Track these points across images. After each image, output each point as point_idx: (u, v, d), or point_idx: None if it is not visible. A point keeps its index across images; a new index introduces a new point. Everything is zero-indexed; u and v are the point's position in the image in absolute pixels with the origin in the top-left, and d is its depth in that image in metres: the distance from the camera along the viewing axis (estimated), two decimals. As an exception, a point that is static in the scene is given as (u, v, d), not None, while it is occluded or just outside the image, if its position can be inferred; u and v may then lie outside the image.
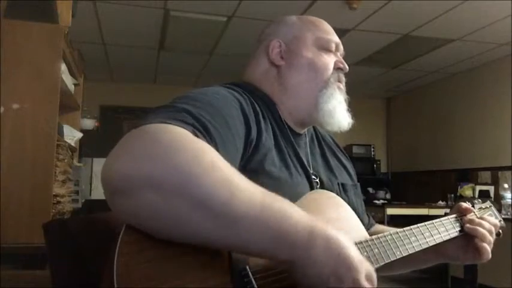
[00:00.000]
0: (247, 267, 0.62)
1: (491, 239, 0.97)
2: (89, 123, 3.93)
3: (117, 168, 0.55)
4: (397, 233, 0.86)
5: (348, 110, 0.98)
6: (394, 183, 6.52)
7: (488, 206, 1.11)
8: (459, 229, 0.98)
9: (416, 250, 0.87)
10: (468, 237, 0.98)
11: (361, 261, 0.62)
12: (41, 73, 1.94)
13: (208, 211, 0.54)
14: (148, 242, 0.55)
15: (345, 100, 0.98)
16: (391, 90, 6.36)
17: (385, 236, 0.83)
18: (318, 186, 0.92)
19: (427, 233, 0.91)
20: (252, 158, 0.79)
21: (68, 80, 2.34)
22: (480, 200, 1.12)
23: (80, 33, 3.85)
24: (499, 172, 4.64)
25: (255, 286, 0.61)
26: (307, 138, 1.00)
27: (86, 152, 4.01)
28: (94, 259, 0.66)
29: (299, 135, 0.98)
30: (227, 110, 0.76)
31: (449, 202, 4.99)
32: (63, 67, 2.09)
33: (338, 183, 0.97)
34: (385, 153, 6.79)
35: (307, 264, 0.59)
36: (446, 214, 1.02)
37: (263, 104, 0.91)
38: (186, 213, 0.54)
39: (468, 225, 0.98)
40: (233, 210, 0.55)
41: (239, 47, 4.39)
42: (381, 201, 5.65)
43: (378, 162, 6.39)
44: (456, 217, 1.00)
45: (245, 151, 0.78)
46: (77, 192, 3.11)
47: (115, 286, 0.51)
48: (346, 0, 3.35)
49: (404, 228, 0.88)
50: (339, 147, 1.11)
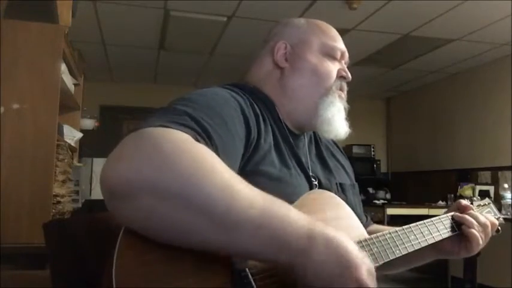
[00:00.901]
0: (246, 269, 0.62)
1: (479, 227, 0.96)
2: (89, 123, 3.93)
3: (116, 172, 0.55)
4: (396, 232, 0.87)
5: (346, 119, 0.98)
6: (394, 183, 6.51)
7: (487, 203, 1.11)
8: (452, 218, 0.99)
9: (415, 248, 0.88)
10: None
11: (361, 258, 0.62)
12: (41, 73, 1.94)
13: (208, 216, 0.54)
14: (147, 245, 0.55)
15: (345, 109, 0.98)
16: (391, 90, 6.36)
17: (385, 235, 0.84)
18: (317, 186, 0.92)
19: (426, 231, 0.92)
20: (252, 159, 0.79)
21: (68, 80, 2.34)
22: (479, 197, 1.13)
23: (80, 33, 3.85)
24: (499, 172, 4.64)
25: (255, 287, 0.61)
26: (306, 139, 1.01)
27: (86, 152, 4.01)
28: (94, 259, 0.66)
29: (298, 136, 0.98)
30: (227, 112, 0.76)
31: (449, 202, 4.99)
32: (63, 67, 2.09)
33: (336, 183, 0.98)
34: (385, 153, 6.79)
35: (308, 266, 0.59)
36: (445, 212, 1.02)
37: (263, 105, 0.91)
38: (186, 218, 0.54)
39: (458, 214, 0.99)
40: (233, 214, 0.55)
41: (239, 47, 4.39)
42: (381, 201, 5.65)
43: (378, 162, 6.39)
44: (455, 214, 1.00)
45: (245, 152, 0.78)
46: (77, 192, 3.11)
47: None
48: (346, 0, 3.35)
49: (403, 226, 0.89)
50: (338, 146, 1.11)
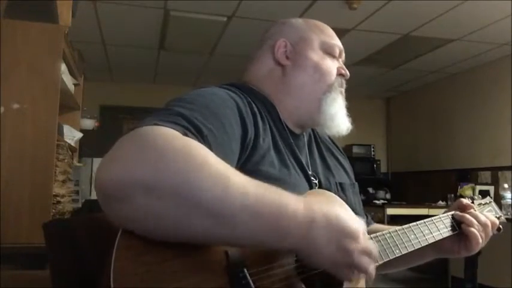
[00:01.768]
0: (244, 269, 0.61)
1: (479, 226, 0.97)
2: (89, 123, 3.93)
3: (109, 173, 0.55)
4: (396, 231, 0.87)
5: (348, 115, 0.98)
6: (394, 183, 6.51)
7: (488, 202, 1.11)
8: (452, 217, 0.99)
9: (415, 248, 0.88)
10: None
11: (362, 231, 0.64)
12: (41, 73, 1.94)
13: (203, 209, 0.54)
14: (145, 246, 0.55)
15: (345, 106, 0.99)
16: (391, 90, 6.36)
17: (384, 235, 0.84)
18: (317, 186, 0.92)
19: (426, 231, 0.92)
20: (250, 159, 0.79)
21: (68, 80, 2.34)
22: (480, 196, 1.13)
23: (80, 33, 3.85)
24: (499, 172, 4.64)
25: (253, 287, 0.61)
26: (305, 138, 1.00)
27: (86, 152, 4.01)
28: (94, 259, 0.66)
29: (298, 136, 0.98)
30: (223, 112, 0.76)
31: (449, 202, 4.99)
32: (63, 67, 2.09)
33: (336, 182, 0.97)
34: (385, 153, 6.78)
35: (311, 246, 0.60)
36: (446, 211, 1.02)
37: (261, 105, 0.91)
38: (182, 213, 0.54)
39: (458, 212, 0.99)
40: (228, 205, 0.55)
41: (239, 47, 4.39)
42: (381, 201, 5.65)
43: (378, 162, 6.39)
44: (455, 213, 1.00)
45: (242, 152, 0.78)
46: (77, 192, 3.11)
47: None
48: (346, 0, 3.35)
49: (403, 226, 0.89)
50: (337, 146, 1.11)
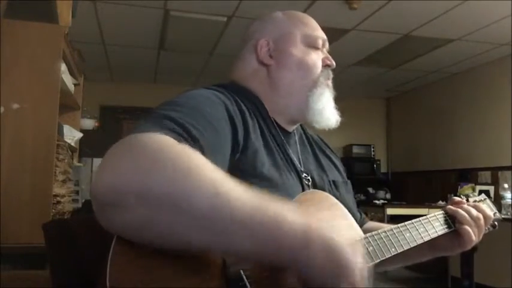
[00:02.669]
0: (241, 271, 0.61)
1: (470, 221, 0.96)
2: (89, 123, 3.93)
3: (103, 182, 0.54)
4: (392, 230, 0.86)
5: (336, 108, 0.97)
6: (394, 183, 6.51)
7: (483, 199, 1.11)
8: (445, 212, 1.00)
9: (411, 246, 0.87)
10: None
11: (356, 261, 0.60)
12: (41, 73, 1.94)
13: (197, 219, 0.53)
14: (140, 251, 0.55)
15: (333, 98, 0.98)
16: (391, 90, 6.36)
17: (380, 234, 0.83)
18: (310, 184, 0.91)
19: (422, 229, 0.92)
20: (241, 159, 0.78)
21: (68, 80, 2.34)
22: (475, 194, 1.13)
23: (80, 33, 3.85)
24: (499, 172, 4.64)
25: None
26: (296, 136, 1.00)
27: (86, 152, 4.00)
28: (93, 259, 0.66)
29: (289, 133, 0.97)
30: (213, 113, 0.75)
31: (449, 202, 4.98)
32: (63, 67, 2.09)
33: (329, 180, 0.96)
34: (385, 153, 6.79)
35: (304, 265, 0.57)
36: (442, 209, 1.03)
37: (250, 103, 0.90)
38: (175, 223, 0.53)
39: (451, 207, 0.99)
40: (222, 216, 0.53)
41: (239, 47, 4.39)
42: (381, 201, 5.65)
43: (378, 162, 6.40)
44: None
45: (233, 152, 0.77)
46: (77, 192, 3.10)
47: None
48: (346, 0, 3.35)
49: (399, 224, 0.89)
50: (327, 145, 1.11)
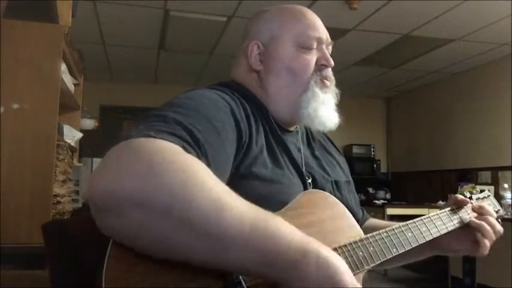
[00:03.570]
0: (240, 276, 0.61)
1: (492, 236, 0.94)
2: (89, 123, 3.92)
3: (102, 185, 0.54)
4: (393, 230, 0.85)
5: (336, 110, 0.95)
6: (394, 183, 6.52)
7: (486, 196, 1.09)
8: (457, 221, 0.97)
9: (412, 246, 0.86)
10: (465, 228, 0.96)
11: (352, 283, 0.59)
12: (41, 73, 1.94)
13: (196, 232, 0.53)
14: (137, 256, 0.54)
15: (334, 97, 0.95)
16: (391, 90, 6.36)
17: (381, 234, 0.82)
18: (311, 184, 0.90)
19: (424, 228, 0.90)
20: (243, 161, 0.78)
21: (68, 80, 2.34)
22: (478, 190, 1.10)
23: (80, 33, 3.85)
24: (499, 172, 4.64)
25: None
26: (298, 135, 0.99)
27: (86, 152, 4.00)
28: (93, 260, 0.66)
29: (290, 132, 0.96)
30: (217, 116, 0.74)
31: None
32: (63, 67, 2.09)
33: (331, 181, 0.95)
34: (385, 153, 6.78)
35: (298, 284, 0.56)
36: (443, 207, 1.01)
37: (253, 104, 0.90)
38: (174, 233, 0.53)
39: (475, 220, 0.96)
40: (222, 230, 0.53)
41: (238, 47, 4.39)
42: (381, 201, 5.65)
43: (378, 162, 6.40)
44: (452, 209, 0.99)
45: (236, 155, 0.76)
46: (77, 192, 3.10)
47: None
48: (346, 0, 3.35)
49: (400, 223, 0.88)
50: (331, 141, 1.09)
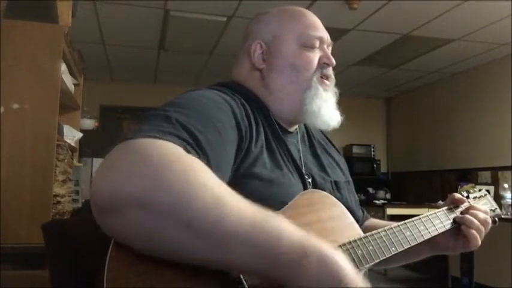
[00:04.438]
0: (241, 275, 0.61)
1: (479, 226, 0.95)
2: (89, 123, 3.92)
3: (105, 186, 0.54)
4: (392, 229, 0.85)
5: (337, 108, 0.95)
6: (394, 183, 6.51)
7: (483, 195, 1.10)
8: (453, 220, 0.98)
9: (411, 244, 0.87)
10: (458, 225, 0.97)
11: (356, 280, 0.58)
12: (41, 73, 1.94)
13: (197, 231, 0.53)
14: (137, 256, 0.55)
15: (334, 95, 0.96)
16: (391, 90, 6.36)
17: (380, 233, 0.83)
18: (311, 185, 0.90)
19: (422, 227, 0.91)
20: (244, 162, 0.78)
21: (68, 80, 2.34)
22: (476, 189, 1.12)
23: (80, 33, 3.85)
24: (499, 172, 4.64)
25: None
26: (298, 136, 0.99)
27: (86, 152, 4.01)
28: (94, 259, 0.66)
29: (290, 133, 0.97)
30: (218, 117, 0.75)
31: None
32: (63, 67, 2.09)
33: (331, 181, 0.96)
34: (385, 153, 6.78)
35: (300, 282, 0.56)
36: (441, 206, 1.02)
37: (254, 104, 0.90)
38: (175, 233, 0.53)
39: (458, 214, 0.98)
40: (222, 230, 0.54)
41: (239, 47, 4.39)
42: (381, 201, 5.65)
43: (378, 162, 6.40)
44: (450, 208, 1.00)
45: (237, 155, 0.77)
46: (77, 192, 3.11)
47: None
48: (346, 0, 3.35)
49: (398, 223, 0.88)
50: (331, 142, 1.09)
